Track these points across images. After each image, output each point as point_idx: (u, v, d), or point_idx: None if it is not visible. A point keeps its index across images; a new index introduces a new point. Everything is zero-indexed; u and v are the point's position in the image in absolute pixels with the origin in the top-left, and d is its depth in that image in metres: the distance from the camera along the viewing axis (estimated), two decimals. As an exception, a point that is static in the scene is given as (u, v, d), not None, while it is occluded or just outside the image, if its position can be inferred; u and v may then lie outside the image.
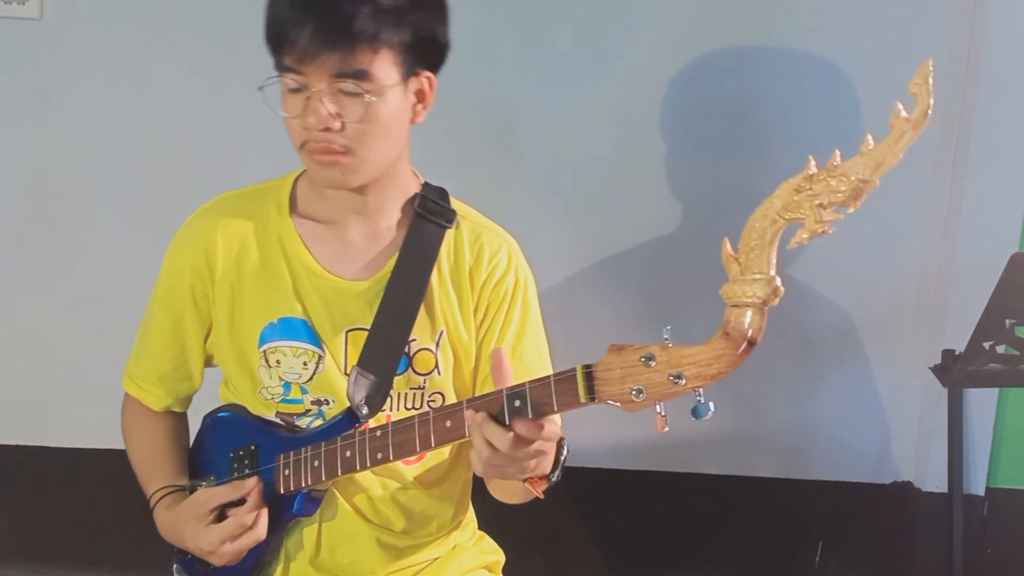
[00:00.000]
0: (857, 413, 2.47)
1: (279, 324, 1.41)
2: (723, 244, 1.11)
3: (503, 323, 1.45)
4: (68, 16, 2.29)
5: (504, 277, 1.45)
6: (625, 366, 1.13)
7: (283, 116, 1.33)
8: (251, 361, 1.43)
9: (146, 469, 1.52)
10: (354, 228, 1.43)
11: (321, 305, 1.41)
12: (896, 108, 1.03)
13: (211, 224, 1.44)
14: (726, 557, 2.54)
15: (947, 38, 2.28)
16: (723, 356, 1.08)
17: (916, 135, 1.03)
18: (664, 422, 1.13)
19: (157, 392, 1.53)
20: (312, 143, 1.32)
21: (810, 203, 1.07)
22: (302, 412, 1.44)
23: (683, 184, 2.37)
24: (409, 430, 1.28)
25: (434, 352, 1.43)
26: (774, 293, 1.08)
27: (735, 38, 2.31)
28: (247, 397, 1.46)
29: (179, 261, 1.45)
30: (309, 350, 1.41)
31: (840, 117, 2.32)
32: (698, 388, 1.11)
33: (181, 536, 1.41)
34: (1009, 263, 1.94)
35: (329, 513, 1.43)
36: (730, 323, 1.09)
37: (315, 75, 1.29)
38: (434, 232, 1.42)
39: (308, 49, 1.28)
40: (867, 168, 1.04)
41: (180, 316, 1.47)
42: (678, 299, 2.38)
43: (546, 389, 1.17)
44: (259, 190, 1.47)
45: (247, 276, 1.42)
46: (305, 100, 1.31)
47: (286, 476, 1.38)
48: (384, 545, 1.46)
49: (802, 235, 1.08)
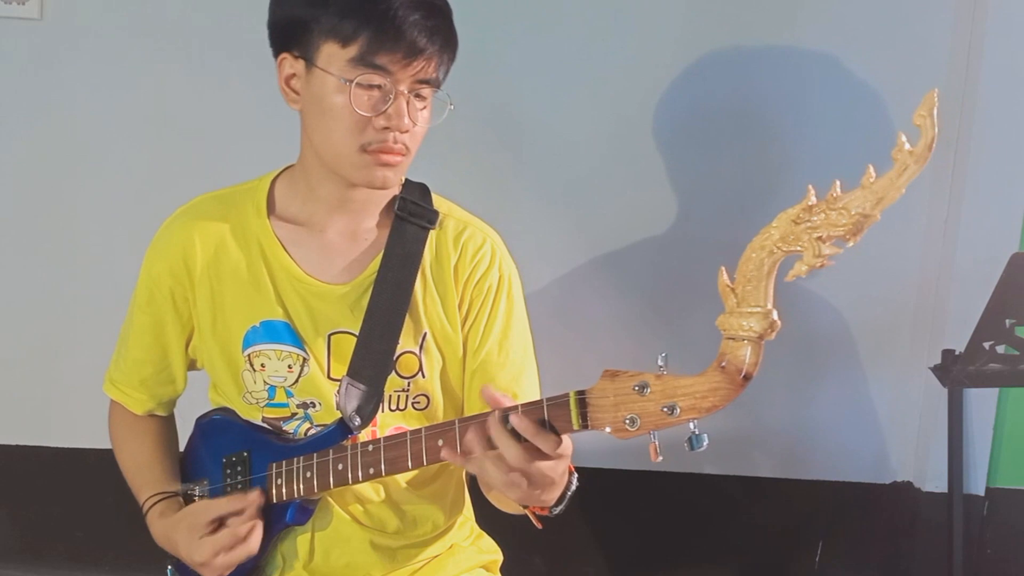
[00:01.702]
0: (857, 413, 2.47)
1: (261, 328, 1.41)
2: (719, 273, 1.10)
3: (488, 318, 1.44)
4: (68, 16, 2.29)
5: (488, 272, 1.44)
6: (619, 393, 1.12)
7: (356, 118, 1.30)
8: (236, 365, 1.42)
9: (137, 477, 1.51)
10: (333, 230, 1.42)
11: (303, 308, 1.40)
12: (899, 140, 1.01)
13: (188, 227, 1.43)
14: (726, 557, 2.54)
15: (947, 38, 2.28)
16: (719, 390, 1.07)
17: (920, 169, 1.01)
18: (657, 451, 1.12)
19: (139, 396, 1.52)
20: (379, 143, 1.31)
21: (809, 235, 1.04)
22: (288, 416, 1.43)
23: (683, 186, 2.37)
24: (401, 447, 1.28)
25: (417, 355, 1.42)
26: (771, 328, 1.07)
27: (736, 40, 2.31)
28: (233, 401, 1.46)
29: (158, 265, 1.44)
30: (293, 353, 1.40)
31: (841, 118, 2.32)
32: (693, 420, 1.10)
33: (175, 545, 1.40)
34: (1009, 263, 1.94)
35: (321, 518, 1.43)
36: (726, 356, 1.07)
37: (404, 77, 1.29)
38: (416, 235, 1.41)
39: (411, 52, 1.28)
40: (868, 202, 1.02)
41: (161, 320, 1.46)
42: (676, 301, 2.38)
43: (538, 413, 1.16)
44: (236, 192, 1.46)
45: (227, 279, 1.42)
46: (383, 100, 1.29)
47: (278, 485, 1.38)
48: (378, 547, 1.46)
49: (800, 268, 1.05)
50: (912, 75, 2.29)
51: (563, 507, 1.27)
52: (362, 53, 1.28)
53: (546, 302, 2.32)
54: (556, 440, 1.16)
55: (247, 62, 2.27)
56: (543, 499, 1.23)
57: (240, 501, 1.37)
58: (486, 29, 2.25)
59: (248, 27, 2.29)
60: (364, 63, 1.28)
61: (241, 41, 2.28)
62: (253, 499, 1.37)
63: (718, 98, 2.33)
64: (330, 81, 1.30)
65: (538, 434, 1.16)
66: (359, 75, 1.28)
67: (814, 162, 2.34)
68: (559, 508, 1.27)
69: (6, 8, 2.27)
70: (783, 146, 2.33)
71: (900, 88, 2.29)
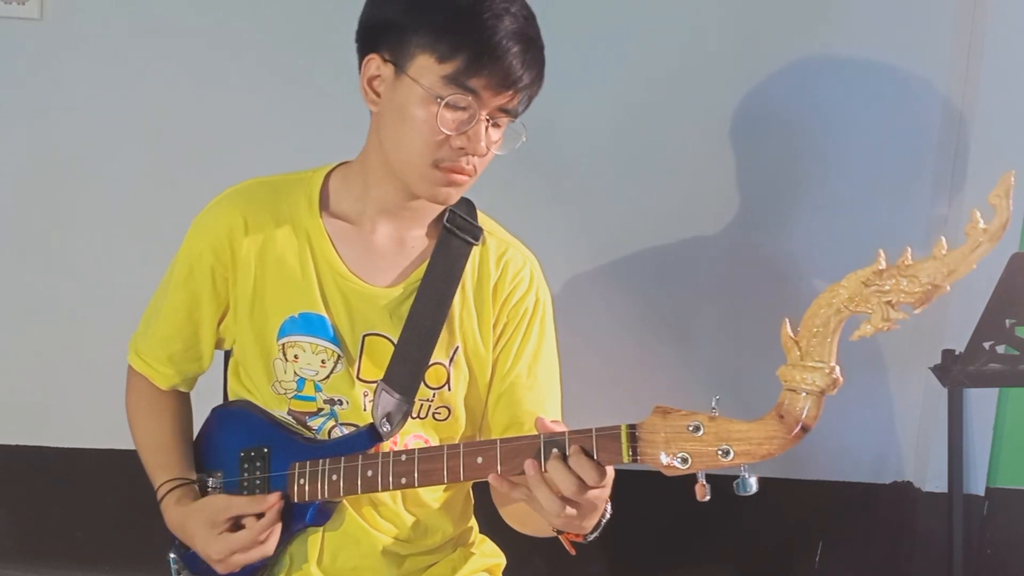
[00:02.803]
0: (857, 413, 2.47)
1: (300, 319, 1.40)
2: (783, 325, 1.11)
3: (521, 342, 1.44)
4: (68, 16, 2.29)
5: (525, 296, 1.45)
6: (670, 431, 1.14)
7: (436, 134, 1.29)
8: (269, 352, 1.42)
9: (153, 458, 1.50)
10: (383, 233, 1.42)
11: (343, 306, 1.40)
12: (974, 217, 1.03)
13: (238, 208, 1.42)
14: (726, 557, 2.54)
15: (947, 38, 2.28)
16: (775, 439, 1.10)
17: (992, 247, 1.02)
18: (706, 491, 1.15)
19: (166, 371, 1.50)
20: (452, 162, 1.31)
21: (878, 299, 1.06)
22: (314, 411, 1.43)
23: (686, 189, 2.37)
24: (437, 460, 1.27)
25: (447, 367, 1.42)
26: (834, 384, 1.09)
27: (743, 42, 2.32)
28: (261, 389, 1.44)
29: (201, 242, 1.43)
30: (328, 349, 1.40)
31: (844, 119, 2.32)
32: (744, 464, 1.12)
33: (191, 537, 1.40)
34: (1009, 263, 1.94)
35: (333, 519, 1.42)
36: (784, 406, 1.09)
37: (490, 103, 1.29)
38: (461, 249, 1.42)
39: (504, 83, 1.27)
40: (939, 274, 1.04)
41: (197, 297, 1.45)
42: (683, 303, 2.38)
43: (587, 442, 1.17)
44: (288, 180, 1.45)
45: (271, 267, 1.41)
46: (466, 121, 1.28)
47: (300, 485, 1.37)
48: (387, 552, 1.45)
49: (866, 328, 1.08)
50: (913, 76, 2.29)
51: (598, 534, 1.29)
52: (457, 73, 1.26)
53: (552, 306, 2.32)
54: (602, 471, 1.17)
55: (248, 62, 2.27)
56: (583, 526, 1.25)
57: (261, 504, 1.36)
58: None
59: (248, 28, 2.31)
60: (457, 83, 1.27)
61: (242, 41, 2.29)
62: (274, 502, 1.36)
63: (722, 101, 2.34)
64: (417, 92, 1.28)
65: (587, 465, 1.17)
66: (450, 94, 1.27)
67: (818, 164, 2.34)
68: (594, 535, 1.29)
69: (6, 8, 2.27)
70: (787, 149, 2.33)
71: (902, 89, 2.29)
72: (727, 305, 2.42)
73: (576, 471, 1.17)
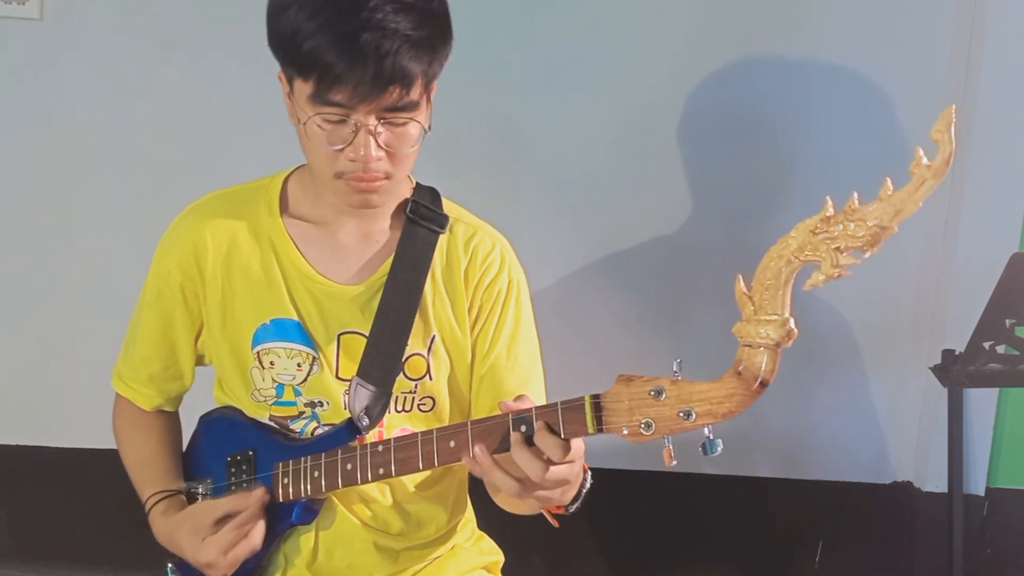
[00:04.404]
0: (857, 413, 2.47)
1: (272, 325, 1.40)
2: (736, 281, 1.11)
3: (497, 323, 1.44)
4: (68, 16, 2.29)
5: (497, 277, 1.44)
6: (634, 398, 1.13)
7: (326, 150, 1.27)
8: (244, 362, 1.42)
9: (140, 474, 1.51)
10: (346, 230, 1.42)
11: (314, 308, 1.40)
12: (917, 154, 1.03)
13: (200, 223, 1.43)
14: (726, 557, 2.54)
15: (947, 38, 2.28)
16: (734, 395, 1.09)
17: (937, 183, 1.02)
18: (671, 455, 1.13)
19: (147, 392, 1.52)
20: (352, 173, 1.29)
21: (827, 246, 1.06)
22: (296, 415, 1.43)
23: (685, 188, 2.37)
24: (412, 447, 1.27)
25: (425, 357, 1.42)
26: (788, 336, 1.08)
27: (739, 43, 2.31)
28: (241, 399, 1.45)
29: (168, 261, 1.44)
30: (303, 352, 1.40)
31: (843, 120, 2.32)
32: (708, 425, 1.11)
33: (179, 546, 1.40)
34: (1009, 263, 1.94)
35: (325, 518, 1.43)
36: (742, 363, 1.09)
37: (366, 111, 1.25)
38: (427, 238, 1.41)
39: (362, 90, 1.22)
40: (886, 215, 1.03)
41: (170, 316, 1.46)
42: (681, 302, 2.38)
43: (553, 416, 1.16)
44: (247, 189, 1.46)
45: (238, 276, 1.41)
46: (350, 133, 1.26)
47: (284, 484, 1.37)
48: (381, 548, 1.46)
49: (818, 277, 1.07)
50: (913, 76, 2.29)
51: (579, 505, 1.28)
52: (319, 91, 1.24)
53: (547, 303, 2.32)
54: (566, 447, 1.16)
55: (247, 63, 2.27)
56: (560, 499, 1.24)
57: (243, 499, 1.37)
58: (490, 31, 2.25)
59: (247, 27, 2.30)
60: (323, 100, 1.25)
61: (241, 42, 2.28)
62: (256, 496, 1.36)
63: (720, 101, 2.33)
64: (302, 110, 1.28)
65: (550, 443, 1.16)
66: (317, 112, 1.26)
67: (816, 164, 2.34)
68: (575, 506, 1.28)
69: (6, 8, 2.27)
70: (785, 148, 2.33)
71: (902, 90, 2.29)
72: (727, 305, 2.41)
73: (541, 448, 1.16)
